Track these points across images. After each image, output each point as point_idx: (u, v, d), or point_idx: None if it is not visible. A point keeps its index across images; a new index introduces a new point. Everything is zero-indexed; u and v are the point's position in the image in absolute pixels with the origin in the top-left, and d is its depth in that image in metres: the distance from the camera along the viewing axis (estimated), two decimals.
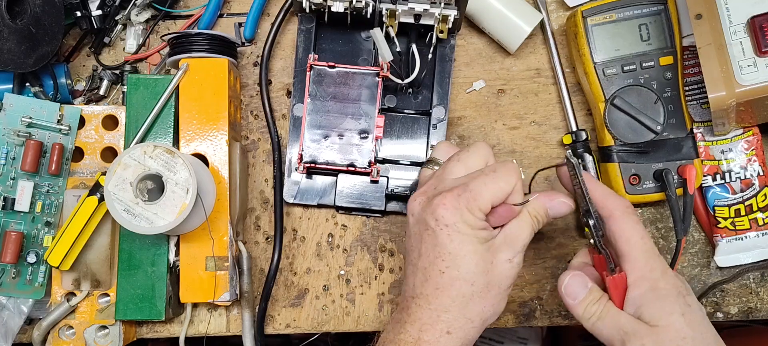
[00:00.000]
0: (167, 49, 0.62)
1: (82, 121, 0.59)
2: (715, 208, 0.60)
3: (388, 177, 0.61)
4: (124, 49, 0.64)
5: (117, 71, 0.63)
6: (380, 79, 0.59)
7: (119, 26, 0.64)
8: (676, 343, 0.44)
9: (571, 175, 0.49)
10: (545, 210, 0.49)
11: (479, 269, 0.46)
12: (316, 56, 0.60)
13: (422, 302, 0.47)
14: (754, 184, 0.60)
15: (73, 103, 0.62)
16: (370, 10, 0.57)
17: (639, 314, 0.46)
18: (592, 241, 0.49)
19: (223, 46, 0.60)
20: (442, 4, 0.56)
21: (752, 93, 0.52)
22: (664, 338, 0.45)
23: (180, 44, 0.59)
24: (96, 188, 0.55)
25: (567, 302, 0.49)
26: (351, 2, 0.57)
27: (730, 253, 0.60)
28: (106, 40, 0.64)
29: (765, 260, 0.61)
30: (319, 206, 0.63)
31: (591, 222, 0.49)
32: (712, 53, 0.53)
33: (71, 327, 0.58)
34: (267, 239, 0.63)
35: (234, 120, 0.60)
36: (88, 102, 0.63)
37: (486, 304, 0.47)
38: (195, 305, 0.62)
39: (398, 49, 0.59)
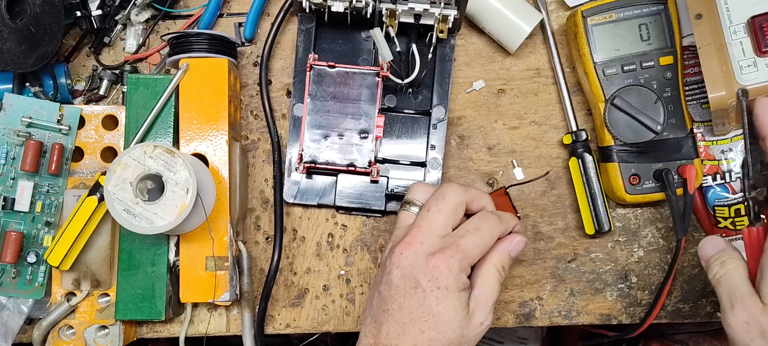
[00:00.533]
0: (167, 49, 0.62)
1: (82, 121, 0.59)
2: (716, 208, 0.60)
3: (388, 177, 0.61)
4: (124, 49, 0.64)
5: (117, 71, 0.63)
6: (380, 79, 0.59)
7: (119, 26, 0.64)
8: None
9: (739, 112, 0.46)
10: (508, 255, 0.51)
11: (456, 334, 0.48)
12: (316, 56, 0.59)
13: None
14: None
15: (73, 103, 0.62)
16: (370, 9, 0.57)
17: (761, 285, 0.42)
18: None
19: (223, 46, 0.60)
20: (442, 4, 0.56)
21: (752, 93, 0.52)
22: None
23: (180, 44, 0.59)
24: (96, 188, 0.55)
25: (703, 264, 0.48)
26: (351, 2, 0.57)
27: None
28: (106, 40, 0.64)
29: None
30: (319, 206, 0.63)
31: (745, 168, 0.46)
32: (712, 53, 0.53)
33: (71, 327, 0.58)
34: (267, 238, 0.63)
35: (234, 120, 0.60)
36: (88, 102, 0.63)
37: None
38: (195, 305, 0.62)
39: (398, 49, 0.59)
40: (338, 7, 0.57)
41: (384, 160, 0.61)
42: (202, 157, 0.58)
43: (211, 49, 0.59)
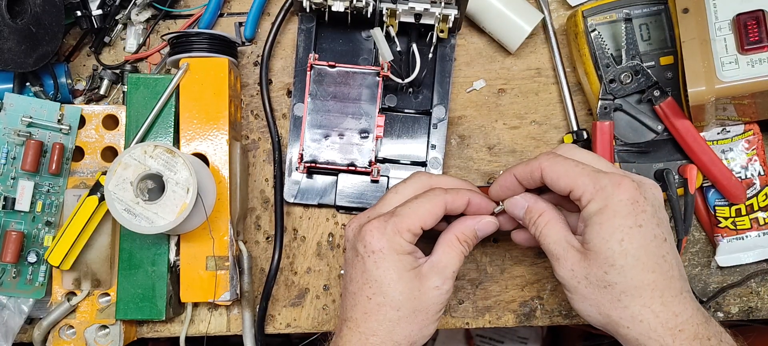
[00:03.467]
0: (167, 49, 0.62)
1: (82, 121, 0.59)
2: (716, 207, 0.60)
3: (388, 177, 0.61)
4: (124, 48, 0.64)
5: (117, 71, 0.63)
6: (380, 79, 0.59)
7: (119, 26, 0.64)
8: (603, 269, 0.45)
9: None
10: (474, 232, 0.51)
11: (405, 296, 0.47)
12: (317, 56, 0.59)
13: (352, 326, 0.49)
14: (754, 183, 0.60)
15: (74, 103, 0.62)
16: (370, 9, 0.57)
17: (579, 231, 0.47)
18: None
19: (224, 46, 0.60)
20: (443, 4, 0.56)
21: (732, 90, 0.52)
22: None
23: (180, 44, 0.59)
24: (96, 188, 0.55)
25: (518, 221, 0.51)
26: (351, 2, 0.57)
27: (731, 252, 0.60)
28: (107, 39, 0.64)
29: (766, 260, 0.61)
30: (320, 206, 0.63)
31: None
32: (696, 48, 0.52)
33: (72, 327, 0.58)
34: (267, 238, 0.63)
35: (234, 120, 0.60)
36: (88, 102, 0.63)
37: (413, 328, 0.48)
38: (195, 305, 0.62)
39: (398, 48, 0.59)
40: (338, 7, 0.57)
41: (384, 160, 0.61)
42: (203, 157, 0.58)
43: (211, 48, 0.59)
